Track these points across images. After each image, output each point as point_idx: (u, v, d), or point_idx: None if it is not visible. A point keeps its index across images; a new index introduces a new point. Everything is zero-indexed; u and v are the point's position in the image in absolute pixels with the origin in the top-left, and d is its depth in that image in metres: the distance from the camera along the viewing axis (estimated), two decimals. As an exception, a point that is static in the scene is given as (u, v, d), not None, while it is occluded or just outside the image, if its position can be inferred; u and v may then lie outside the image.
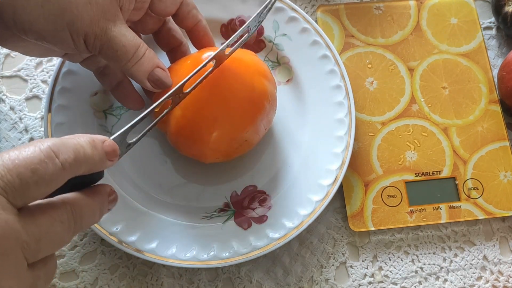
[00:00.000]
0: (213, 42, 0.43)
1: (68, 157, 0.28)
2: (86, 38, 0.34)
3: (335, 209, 0.46)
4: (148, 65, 0.37)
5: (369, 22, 0.51)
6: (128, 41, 0.35)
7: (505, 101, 0.49)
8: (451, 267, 0.45)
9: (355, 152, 0.47)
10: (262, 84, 0.39)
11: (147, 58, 0.36)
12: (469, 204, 0.46)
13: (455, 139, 0.48)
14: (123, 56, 0.35)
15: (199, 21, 0.41)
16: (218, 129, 0.38)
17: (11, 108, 0.47)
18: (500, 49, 0.53)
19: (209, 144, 0.39)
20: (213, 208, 0.44)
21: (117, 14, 0.35)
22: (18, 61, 0.49)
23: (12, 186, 0.26)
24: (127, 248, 0.40)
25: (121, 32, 0.35)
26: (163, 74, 0.37)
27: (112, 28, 0.34)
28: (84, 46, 0.35)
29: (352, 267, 0.44)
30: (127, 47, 0.35)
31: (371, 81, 0.49)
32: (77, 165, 0.29)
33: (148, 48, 0.37)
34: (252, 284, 0.43)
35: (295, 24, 0.48)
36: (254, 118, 0.39)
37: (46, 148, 0.27)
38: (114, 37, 0.35)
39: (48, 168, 0.27)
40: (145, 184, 0.44)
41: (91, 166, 0.30)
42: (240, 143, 0.40)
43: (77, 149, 0.29)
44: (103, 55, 0.35)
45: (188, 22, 0.41)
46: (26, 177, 0.26)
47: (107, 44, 0.35)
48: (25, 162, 0.27)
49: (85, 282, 0.42)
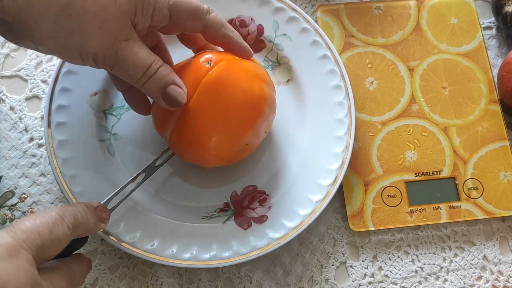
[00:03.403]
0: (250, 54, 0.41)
1: (71, 219, 0.33)
2: (96, 58, 0.35)
3: (335, 209, 0.46)
4: (161, 83, 0.36)
5: (369, 22, 0.51)
6: (139, 60, 0.35)
7: (505, 101, 0.49)
8: (451, 267, 0.45)
9: (355, 152, 0.47)
10: (261, 88, 0.39)
11: (159, 76, 0.36)
12: (469, 204, 0.46)
13: (455, 139, 0.48)
14: (133, 74, 0.36)
15: (230, 38, 0.40)
16: (218, 134, 0.38)
17: (11, 108, 0.47)
18: (500, 49, 0.53)
19: (210, 149, 0.38)
20: (213, 208, 0.44)
21: (129, 33, 0.35)
22: (18, 61, 0.49)
23: (36, 244, 0.31)
24: (127, 248, 0.40)
25: (133, 51, 0.35)
26: (176, 92, 0.37)
27: (124, 48, 0.35)
28: (94, 63, 0.35)
29: (352, 267, 0.44)
30: (138, 66, 0.35)
31: (371, 81, 0.49)
32: (77, 227, 0.34)
33: (164, 65, 0.36)
34: (252, 284, 0.43)
35: (295, 24, 0.48)
36: (254, 122, 0.39)
37: (55, 214, 0.33)
38: (124, 57, 0.35)
39: (59, 228, 0.32)
40: (145, 184, 0.44)
41: (88, 229, 0.35)
42: (241, 147, 0.40)
43: (75, 213, 0.34)
44: (115, 72, 0.36)
45: (218, 41, 0.40)
46: (45, 236, 0.31)
47: (118, 63, 0.35)
48: (43, 224, 0.32)
49: (85, 282, 0.42)
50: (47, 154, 0.42)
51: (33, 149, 0.46)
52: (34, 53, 0.49)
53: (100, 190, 0.42)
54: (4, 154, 0.46)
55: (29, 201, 0.45)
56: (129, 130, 0.45)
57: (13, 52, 0.49)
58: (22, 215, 0.44)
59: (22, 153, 0.46)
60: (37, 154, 0.46)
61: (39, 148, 0.46)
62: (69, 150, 0.43)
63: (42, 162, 0.46)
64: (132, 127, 0.46)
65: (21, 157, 0.46)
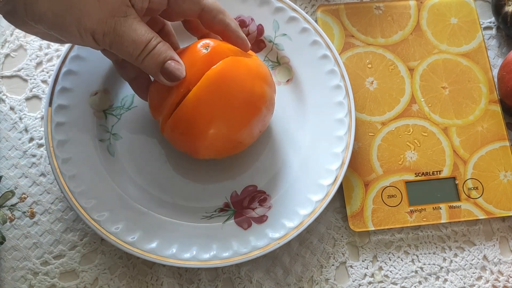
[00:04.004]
0: (246, 45, 0.41)
1: None
2: (94, 35, 0.35)
3: (335, 209, 0.46)
4: (160, 58, 0.37)
5: (369, 22, 0.51)
6: (138, 36, 0.35)
7: (505, 101, 0.49)
8: (451, 267, 0.45)
9: (355, 152, 0.47)
10: (262, 88, 0.39)
11: (158, 51, 0.36)
12: (469, 204, 0.46)
13: (455, 139, 0.48)
14: (133, 50, 0.36)
15: (227, 25, 0.40)
16: (214, 127, 0.38)
17: (11, 108, 0.47)
18: (500, 49, 0.53)
19: (203, 141, 0.39)
20: (213, 208, 0.44)
21: (128, 10, 0.35)
22: (18, 61, 0.49)
23: None
24: (127, 248, 0.40)
25: (131, 27, 0.35)
26: (175, 67, 0.37)
27: (122, 23, 0.35)
28: (92, 41, 0.35)
29: (352, 267, 0.44)
30: (137, 41, 0.35)
31: (371, 81, 0.49)
32: None
33: (162, 41, 0.37)
34: (252, 284, 0.43)
35: (295, 24, 0.48)
36: (250, 121, 0.39)
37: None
38: (123, 33, 0.35)
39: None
40: (145, 184, 0.44)
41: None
42: (234, 143, 0.40)
43: None
44: (114, 50, 0.36)
45: (215, 27, 0.40)
46: None
47: (117, 40, 0.35)
48: None
49: (85, 282, 0.42)
50: (47, 154, 0.42)
51: (33, 149, 0.46)
52: (34, 53, 0.49)
53: (100, 190, 0.42)
54: (4, 154, 0.46)
55: (29, 201, 0.45)
56: (129, 130, 0.45)
57: (13, 52, 0.49)
58: (22, 215, 0.44)
59: (22, 153, 0.46)
60: (37, 154, 0.46)
61: (39, 148, 0.46)
62: (69, 150, 0.43)
63: (42, 162, 0.46)
64: (132, 127, 0.46)
65: (21, 157, 0.46)
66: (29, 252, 0.43)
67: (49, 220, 0.44)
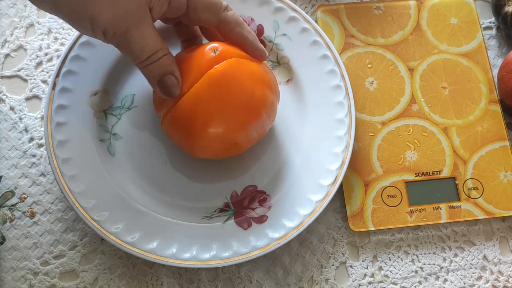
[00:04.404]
0: (263, 56, 0.41)
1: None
2: (105, 32, 0.35)
3: (335, 209, 0.46)
4: (160, 70, 0.37)
5: (369, 22, 0.51)
6: (148, 45, 0.36)
7: (505, 101, 0.49)
8: (451, 267, 0.45)
9: (355, 152, 0.47)
10: (263, 93, 0.39)
11: (161, 63, 0.37)
12: (469, 204, 0.46)
13: (455, 139, 0.48)
14: (137, 56, 0.36)
15: (244, 38, 0.40)
16: (212, 127, 0.38)
17: (11, 108, 0.47)
18: (500, 49, 0.53)
19: (200, 140, 0.39)
20: (213, 208, 0.44)
21: (142, 17, 0.35)
22: (18, 61, 0.49)
23: None
24: (127, 248, 0.40)
25: (142, 35, 0.36)
26: (173, 83, 0.38)
27: (133, 30, 0.35)
28: (103, 37, 0.36)
29: (352, 267, 0.44)
30: (144, 49, 0.36)
31: (371, 81, 0.49)
32: None
33: (168, 54, 0.37)
34: (252, 284, 0.43)
35: (295, 24, 0.48)
36: (248, 124, 0.39)
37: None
38: (133, 39, 0.35)
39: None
40: (145, 184, 0.44)
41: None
42: (230, 145, 0.40)
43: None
44: (120, 50, 0.37)
45: (233, 40, 0.40)
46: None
47: (124, 43, 0.36)
48: None
49: (85, 282, 0.42)
50: (47, 154, 0.42)
51: (33, 149, 0.46)
52: (34, 53, 0.49)
53: (100, 190, 0.42)
54: (4, 154, 0.46)
55: (29, 201, 0.45)
56: (129, 130, 0.45)
57: (13, 52, 0.49)
58: (22, 215, 0.44)
59: (22, 153, 0.46)
60: (37, 154, 0.46)
61: (39, 148, 0.46)
62: (69, 150, 0.43)
63: (42, 162, 0.46)
64: (132, 127, 0.46)
65: (21, 157, 0.46)
66: (29, 252, 0.43)
67: (49, 220, 0.44)
